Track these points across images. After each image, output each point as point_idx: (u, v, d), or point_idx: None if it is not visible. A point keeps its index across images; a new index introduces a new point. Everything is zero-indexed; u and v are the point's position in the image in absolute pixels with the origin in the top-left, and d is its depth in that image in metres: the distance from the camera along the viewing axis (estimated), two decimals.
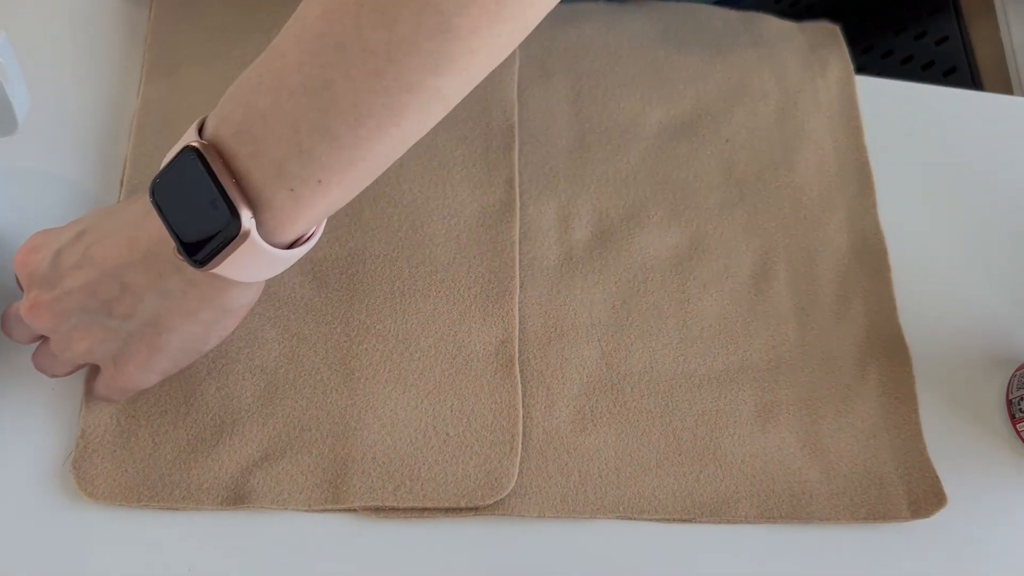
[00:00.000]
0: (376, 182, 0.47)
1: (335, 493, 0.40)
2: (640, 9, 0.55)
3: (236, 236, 0.30)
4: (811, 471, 0.45)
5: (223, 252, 0.31)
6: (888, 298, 0.50)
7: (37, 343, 0.39)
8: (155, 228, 0.32)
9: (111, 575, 0.38)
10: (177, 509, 0.39)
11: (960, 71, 0.68)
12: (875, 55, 0.71)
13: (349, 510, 0.41)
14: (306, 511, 0.40)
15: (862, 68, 0.57)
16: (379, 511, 0.41)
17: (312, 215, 0.32)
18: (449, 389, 0.43)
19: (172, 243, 0.32)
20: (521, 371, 0.44)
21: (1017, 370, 0.49)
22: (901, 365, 0.48)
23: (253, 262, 0.31)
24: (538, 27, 0.53)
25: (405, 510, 0.41)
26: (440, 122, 0.49)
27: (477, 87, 0.50)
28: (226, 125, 0.30)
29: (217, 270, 0.32)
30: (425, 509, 0.41)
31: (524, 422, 0.43)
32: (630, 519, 0.43)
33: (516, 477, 0.41)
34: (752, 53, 0.55)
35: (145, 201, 0.33)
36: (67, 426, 0.40)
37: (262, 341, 0.42)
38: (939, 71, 0.69)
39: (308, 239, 0.33)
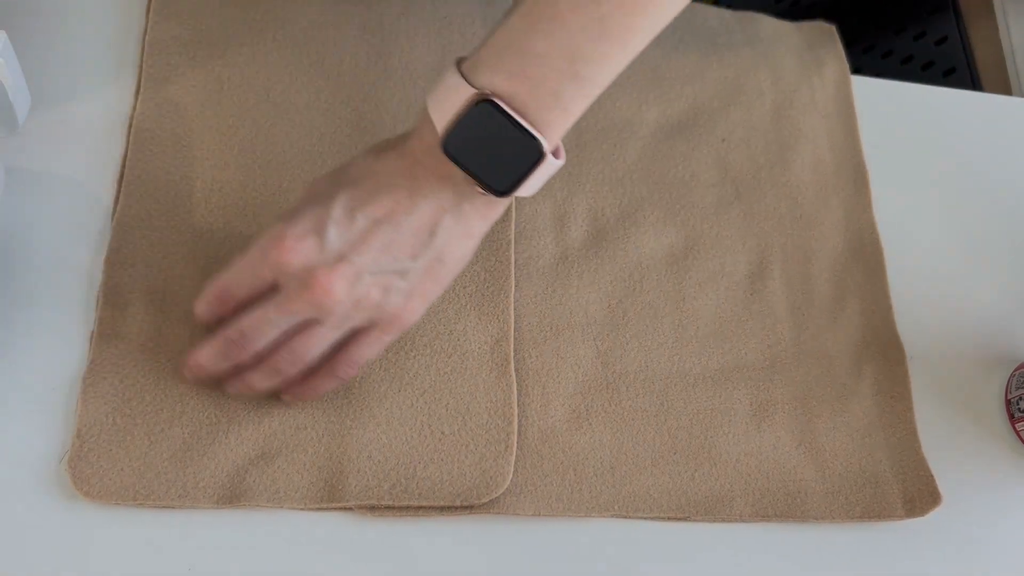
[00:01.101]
0: None
1: (331, 492, 0.40)
2: None
3: (537, 161, 0.35)
4: (806, 470, 0.45)
5: (526, 177, 0.35)
6: (884, 297, 0.50)
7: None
8: (439, 170, 0.36)
9: (109, 575, 0.38)
10: (173, 507, 0.39)
11: (959, 71, 0.68)
12: (875, 55, 0.71)
13: (345, 509, 0.41)
14: (302, 510, 0.40)
15: (861, 68, 0.57)
16: (375, 510, 0.41)
17: (574, 121, 0.36)
18: (444, 388, 0.43)
19: (460, 179, 0.36)
20: (517, 370, 0.44)
21: (1016, 369, 0.49)
22: (896, 364, 0.48)
23: (540, 177, 0.36)
24: None
25: (401, 508, 0.41)
26: None
27: None
28: (501, 73, 0.34)
29: (515, 193, 0.36)
30: (421, 508, 0.41)
31: (519, 421, 0.43)
32: (625, 518, 0.43)
33: (511, 476, 0.41)
34: (748, 52, 0.55)
35: (401, 156, 0.36)
36: (63, 425, 0.40)
37: None
38: (939, 71, 0.69)
39: (560, 151, 0.37)
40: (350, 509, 0.41)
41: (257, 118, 0.47)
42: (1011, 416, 0.48)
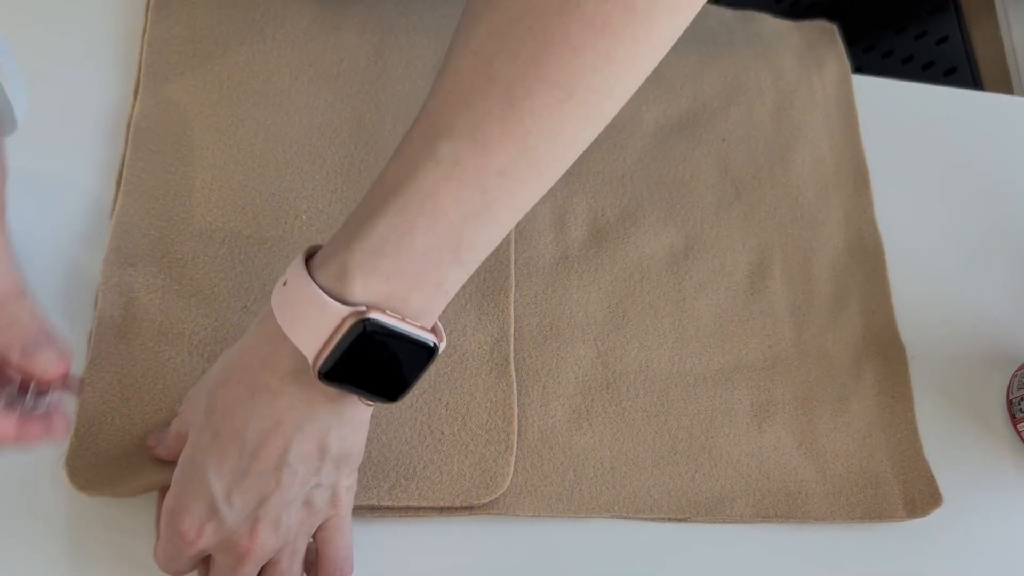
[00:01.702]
0: (371, 181, 0.47)
1: None
2: None
3: (429, 360, 0.32)
4: (807, 470, 0.44)
5: (418, 378, 0.32)
6: (884, 297, 0.50)
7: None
8: (311, 396, 0.32)
9: (108, 573, 0.38)
10: None
11: (960, 71, 0.68)
12: (876, 55, 0.71)
13: None
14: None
15: (862, 68, 0.57)
16: (374, 510, 0.41)
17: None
18: (444, 388, 0.43)
19: (333, 395, 0.32)
20: (517, 370, 0.44)
21: (1017, 370, 0.49)
22: (897, 364, 0.48)
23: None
24: None
25: (400, 509, 0.41)
26: None
27: None
28: (376, 278, 0.30)
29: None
30: (420, 508, 0.41)
31: (519, 421, 0.43)
32: (625, 518, 0.42)
33: (511, 476, 0.41)
34: (749, 52, 0.55)
35: (266, 400, 0.32)
36: None
37: None
38: (939, 71, 0.69)
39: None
40: None
41: (256, 117, 0.47)
42: (1012, 416, 0.48)
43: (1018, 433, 0.48)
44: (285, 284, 0.31)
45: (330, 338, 0.30)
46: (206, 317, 0.42)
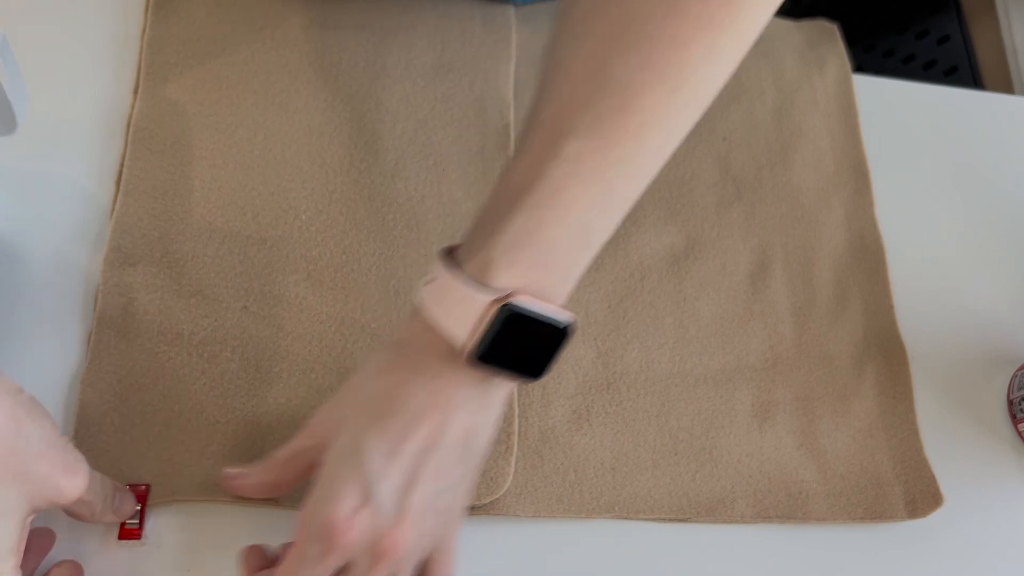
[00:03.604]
0: (372, 181, 0.47)
1: None
2: None
3: (567, 340, 0.35)
4: (808, 471, 0.44)
5: (557, 356, 0.35)
6: (885, 297, 0.50)
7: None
8: (464, 380, 0.34)
9: (107, 575, 0.38)
10: (169, 502, 0.39)
11: (961, 70, 0.68)
12: (876, 54, 0.71)
13: None
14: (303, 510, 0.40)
15: (863, 67, 0.57)
16: None
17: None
18: None
19: (481, 378, 0.34)
20: None
21: (1018, 370, 0.49)
22: (898, 364, 0.48)
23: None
24: (534, 26, 0.53)
25: None
26: (436, 121, 0.50)
27: (473, 86, 0.50)
28: (516, 270, 0.33)
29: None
30: None
31: (520, 421, 0.43)
32: (626, 519, 0.42)
33: (512, 476, 0.41)
34: (749, 51, 0.55)
35: (424, 380, 0.34)
36: (61, 424, 0.40)
37: (256, 340, 0.42)
38: (940, 70, 0.69)
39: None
40: None
41: (256, 117, 0.46)
42: (1013, 416, 0.48)
43: (1019, 433, 0.48)
44: (432, 282, 0.34)
45: (479, 323, 0.33)
46: (206, 317, 0.42)
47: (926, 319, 0.50)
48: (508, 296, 0.33)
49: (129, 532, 0.38)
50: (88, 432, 0.39)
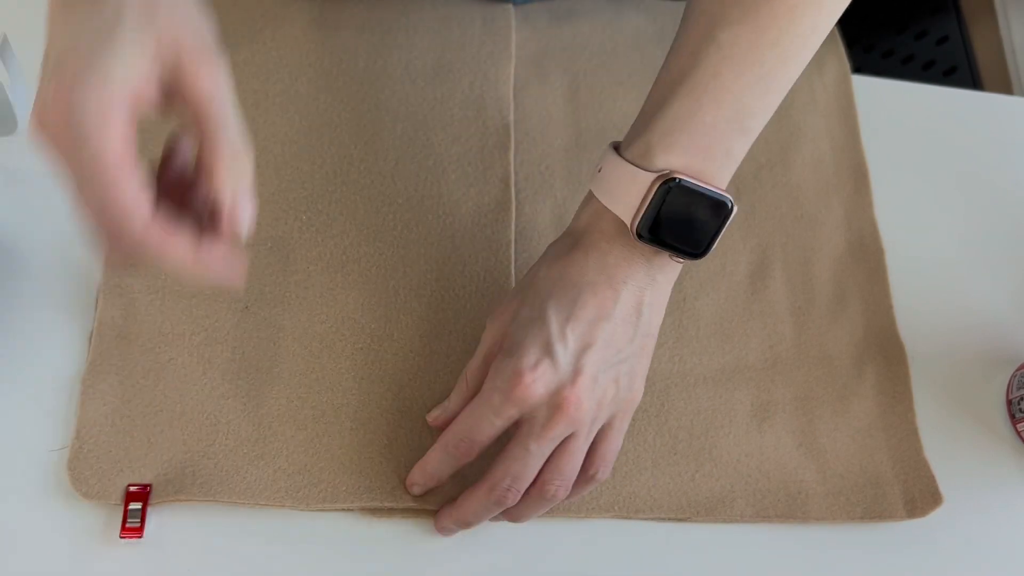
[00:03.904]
0: (371, 181, 0.47)
1: (332, 492, 0.40)
2: (637, 8, 0.55)
3: (728, 217, 0.37)
4: (807, 471, 0.44)
5: (719, 234, 0.37)
6: (885, 297, 0.50)
7: None
8: (629, 254, 0.37)
9: (108, 575, 0.38)
10: (170, 502, 0.39)
11: (960, 71, 0.68)
12: (876, 55, 0.71)
13: (346, 510, 0.41)
14: (303, 510, 0.40)
15: (863, 67, 0.57)
16: (376, 511, 0.41)
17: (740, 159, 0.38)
18: (445, 389, 0.43)
19: (649, 255, 0.37)
20: None
21: (1017, 370, 0.49)
22: (897, 364, 0.48)
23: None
24: (534, 26, 0.53)
25: (403, 510, 0.41)
26: (436, 121, 0.50)
27: (473, 86, 0.50)
28: (676, 151, 0.36)
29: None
30: (423, 509, 0.41)
31: None
32: (625, 518, 0.42)
33: None
34: None
35: (588, 254, 0.37)
36: (62, 426, 0.40)
37: (256, 340, 0.42)
38: (939, 71, 0.69)
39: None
40: (351, 510, 0.41)
41: (256, 118, 0.47)
42: (1012, 416, 0.48)
43: (1018, 433, 0.48)
44: (600, 171, 0.37)
45: (643, 200, 0.36)
46: (206, 318, 0.42)
47: (925, 319, 0.50)
48: (670, 173, 0.35)
49: (131, 531, 0.38)
50: (89, 433, 0.39)
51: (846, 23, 0.58)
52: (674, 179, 0.35)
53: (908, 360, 0.48)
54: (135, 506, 0.38)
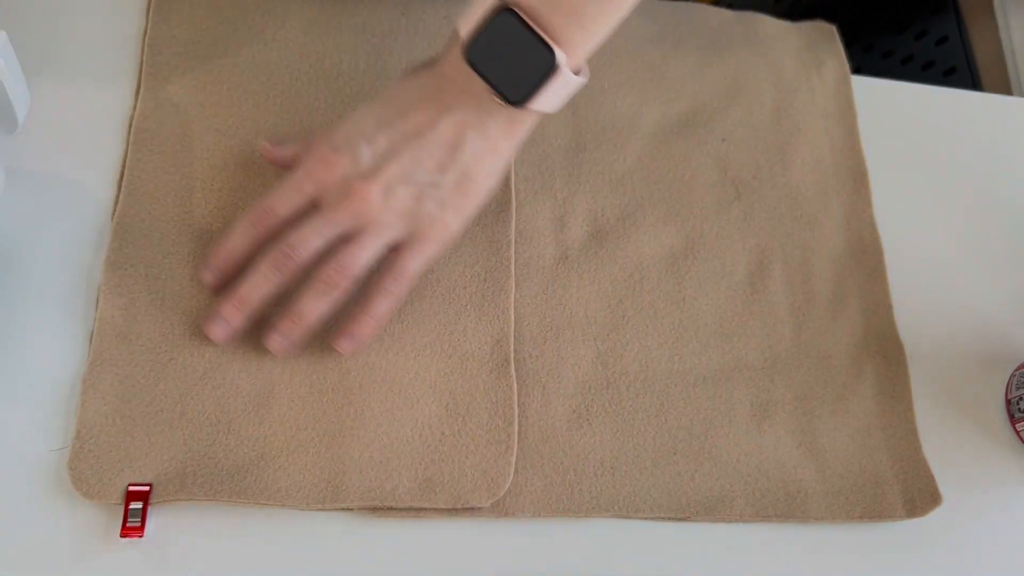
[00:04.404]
0: None
1: (333, 492, 0.40)
2: (636, 8, 0.55)
3: (552, 71, 0.37)
4: (806, 470, 0.45)
5: (540, 88, 0.37)
6: (884, 297, 0.50)
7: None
8: (462, 84, 0.38)
9: (109, 575, 0.38)
10: (170, 502, 0.39)
11: (960, 71, 0.68)
12: (875, 55, 0.71)
13: (347, 510, 0.41)
14: (304, 510, 0.40)
15: (862, 68, 0.57)
16: (376, 511, 0.41)
17: (596, 43, 0.39)
18: (445, 388, 0.43)
19: (482, 92, 0.38)
20: (517, 370, 0.44)
21: (1016, 369, 0.49)
22: (896, 364, 0.48)
23: (558, 92, 0.38)
24: None
25: (403, 510, 0.41)
26: None
27: None
28: None
29: (530, 105, 0.38)
30: (422, 510, 0.41)
31: (520, 421, 0.43)
32: (625, 518, 0.43)
33: (512, 476, 0.41)
34: (748, 52, 0.55)
35: (430, 73, 0.39)
36: (63, 425, 0.40)
37: (257, 340, 0.42)
38: (939, 71, 0.69)
39: (583, 70, 0.40)
40: (351, 510, 0.41)
41: (257, 118, 0.47)
42: (1011, 416, 0.48)
43: (1017, 432, 0.48)
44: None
45: (479, 23, 0.37)
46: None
47: (925, 319, 0.50)
48: (509, 4, 0.36)
49: (131, 530, 0.38)
50: (90, 432, 0.39)
51: (846, 23, 0.58)
52: (512, 10, 0.36)
53: (907, 360, 0.48)
54: (136, 505, 0.38)
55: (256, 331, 0.43)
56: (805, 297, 0.49)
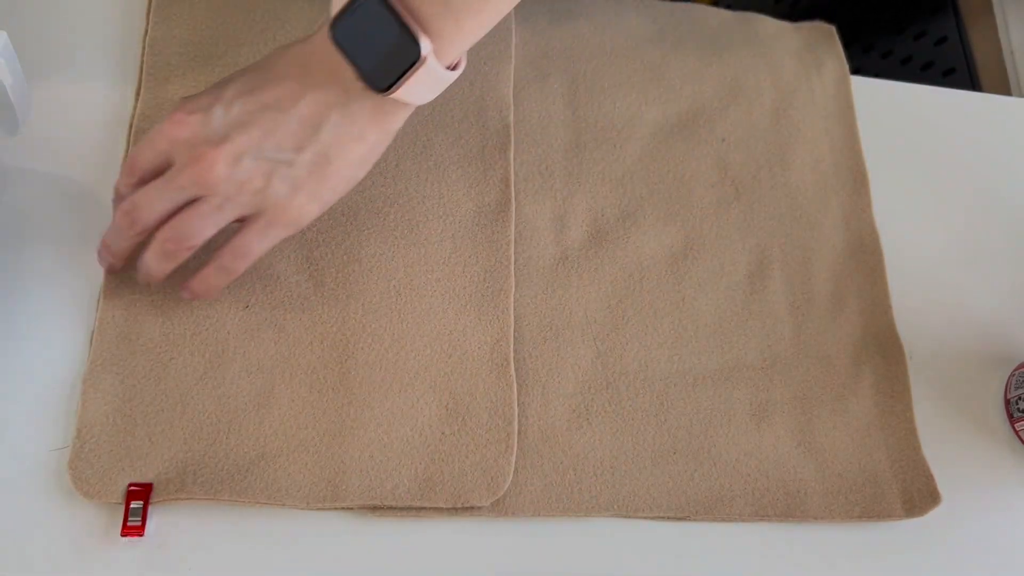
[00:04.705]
0: (372, 182, 0.47)
1: (333, 492, 0.40)
2: (636, 9, 0.55)
3: (417, 61, 0.36)
4: (806, 470, 0.45)
5: (405, 76, 0.36)
6: (883, 297, 0.50)
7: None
8: (330, 63, 0.36)
9: (109, 574, 0.38)
10: (170, 501, 0.39)
11: (959, 71, 0.68)
12: (874, 55, 0.71)
13: (347, 509, 0.41)
14: (304, 509, 0.40)
15: (861, 68, 0.57)
16: (376, 510, 0.41)
17: (471, 39, 0.37)
18: (445, 388, 0.43)
19: (348, 75, 0.36)
20: (516, 370, 0.44)
21: (1016, 369, 0.49)
22: (895, 364, 0.48)
23: (425, 84, 0.37)
24: (534, 26, 0.53)
25: (402, 510, 0.41)
26: (436, 122, 0.50)
27: (473, 87, 0.50)
28: None
29: (396, 95, 0.37)
30: (422, 509, 0.41)
31: (519, 421, 0.43)
32: (625, 517, 0.43)
33: (512, 475, 0.41)
34: (748, 53, 0.55)
35: (301, 47, 0.38)
36: (63, 425, 0.40)
37: (259, 340, 0.42)
38: (938, 71, 0.69)
39: (459, 65, 0.39)
40: (352, 509, 0.41)
41: None
42: (1011, 416, 0.48)
43: (1016, 432, 0.48)
44: None
45: (349, 1, 0.35)
46: (208, 318, 0.42)
47: (924, 319, 0.50)
48: None
49: (131, 530, 0.38)
50: (91, 432, 0.39)
51: (845, 24, 0.58)
52: None
53: (906, 359, 0.48)
54: (136, 505, 0.38)
55: (255, 331, 0.43)
56: (804, 297, 0.49)
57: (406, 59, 0.36)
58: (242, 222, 0.39)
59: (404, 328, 0.44)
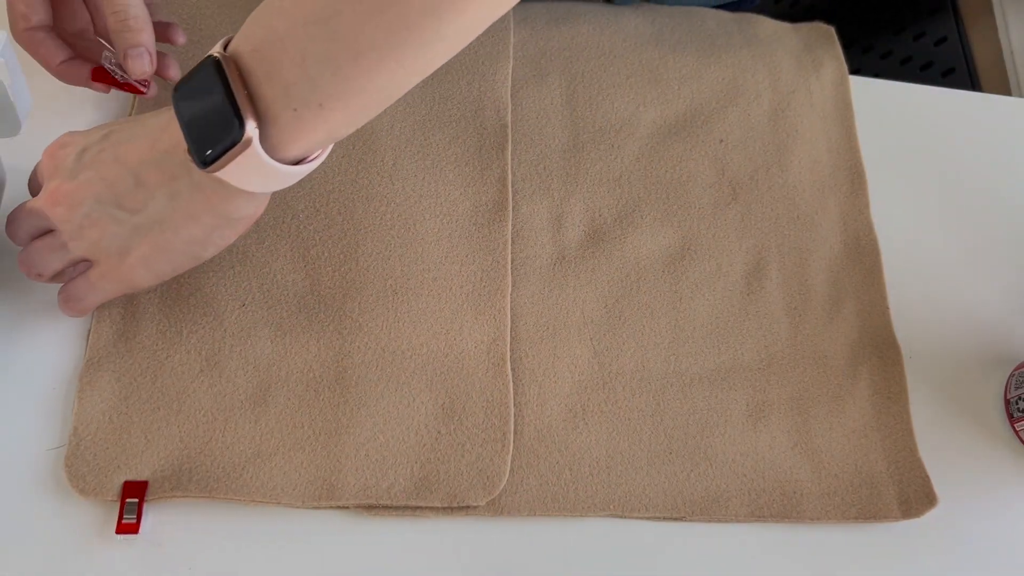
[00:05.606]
0: (370, 181, 0.47)
1: (329, 490, 0.40)
2: (635, 10, 0.55)
3: (239, 143, 0.33)
4: (802, 470, 0.44)
5: (225, 157, 0.33)
6: (880, 298, 0.50)
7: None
8: (175, 132, 0.35)
9: (108, 573, 0.38)
10: (166, 499, 0.39)
11: (959, 72, 0.68)
12: (874, 55, 0.71)
13: (343, 508, 0.41)
14: (300, 508, 0.40)
15: (861, 68, 0.57)
16: (372, 509, 0.41)
17: (314, 138, 0.34)
18: (441, 387, 0.43)
19: (182, 146, 0.35)
20: (513, 369, 0.44)
21: (1015, 369, 0.49)
22: (893, 365, 0.48)
23: (254, 171, 0.34)
24: (533, 27, 0.53)
25: (398, 508, 0.41)
26: (434, 121, 0.50)
27: (471, 87, 0.50)
28: (246, 43, 0.33)
29: (221, 174, 0.34)
30: (418, 508, 0.41)
31: (516, 420, 0.43)
32: (621, 517, 0.43)
33: (508, 474, 0.41)
34: (746, 54, 0.55)
35: (170, 109, 0.36)
36: (60, 423, 0.40)
37: (255, 338, 0.42)
38: (938, 71, 0.69)
39: (311, 160, 0.36)
40: (347, 508, 0.41)
41: None
42: (1010, 416, 0.48)
43: (1016, 432, 0.48)
44: None
45: (196, 64, 0.34)
46: (204, 316, 0.42)
47: (922, 319, 0.50)
48: (219, 56, 0.33)
49: (127, 527, 0.38)
50: (87, 430, 0.39)
51: (844, 24, 0.58)
52: (218, 59, 0.33)
53: (904, 360, 0.48)
54: (132, 502, 0.38)
55: (251, 330, 0.43)
56: (802, 298, 0.49)
57: (226, 137, 0.33)
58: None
59: (400, 327, 0.44)
